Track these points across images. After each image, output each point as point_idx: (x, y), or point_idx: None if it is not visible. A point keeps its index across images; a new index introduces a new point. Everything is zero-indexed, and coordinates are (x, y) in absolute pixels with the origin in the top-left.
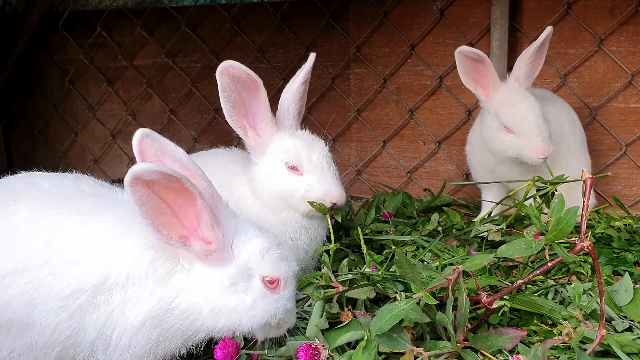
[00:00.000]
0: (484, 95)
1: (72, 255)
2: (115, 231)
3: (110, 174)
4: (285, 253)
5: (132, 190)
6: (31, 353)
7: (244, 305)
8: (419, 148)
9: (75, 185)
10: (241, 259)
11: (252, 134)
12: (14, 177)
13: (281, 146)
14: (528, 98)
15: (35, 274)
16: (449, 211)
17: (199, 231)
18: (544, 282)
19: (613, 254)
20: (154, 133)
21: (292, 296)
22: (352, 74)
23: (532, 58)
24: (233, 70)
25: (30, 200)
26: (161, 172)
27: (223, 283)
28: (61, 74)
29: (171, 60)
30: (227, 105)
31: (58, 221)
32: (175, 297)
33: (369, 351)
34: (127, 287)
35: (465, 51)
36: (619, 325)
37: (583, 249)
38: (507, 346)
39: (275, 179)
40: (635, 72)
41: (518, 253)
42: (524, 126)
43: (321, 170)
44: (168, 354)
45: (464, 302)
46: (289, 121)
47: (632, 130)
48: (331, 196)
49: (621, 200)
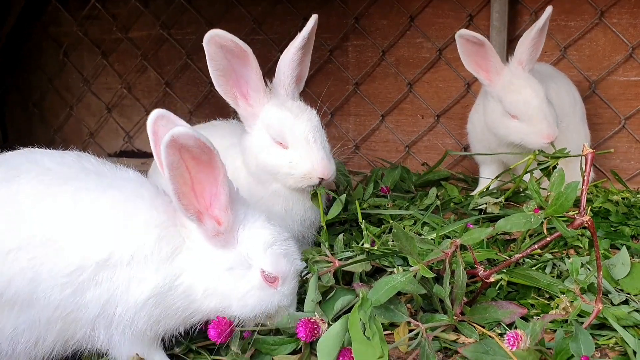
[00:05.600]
0: (486, 79)
1: (77, 232)
2: (121, 209)
3: (107, 147)
4: (289, 250)
5: (167, 152)
6: (35, 330)
7: (237, 292)
8: (418, 122)
9: (78, 162)
10: (244, 247)
11: (244, 103)
12: (14, 153)
13: (267, 118)
14: (531, 83)
15: (39, 251)
16: (447, 185)
17: (210, 210)
18: (542, 256)
19: (610, 228)
20: (169, 114)
21: (290, 294)
22: (351, 46)
23: (534, 40)
24: (220, 40)
25: (33, 177)
26: (198, 139)
27: (221, 265)
28: (55, 46)
29: (166, 32)
30: (217, 74)
31: (62, 198)
32: (178, 276)
33: (364, 309)
34: (132, 264)
35: (465, 34)
36: (615, 299)
37: (582, 223)
38: (506, 320)
39: (262, 151)
40: (635, 45)
41: (517, 227)
42: (529, 112)
43: (306, 145)
44: (168, 332)
45: (461, 275)
46: (284, 89)
47: (631, 103)
48: (317, 172)
49: (619, 174)
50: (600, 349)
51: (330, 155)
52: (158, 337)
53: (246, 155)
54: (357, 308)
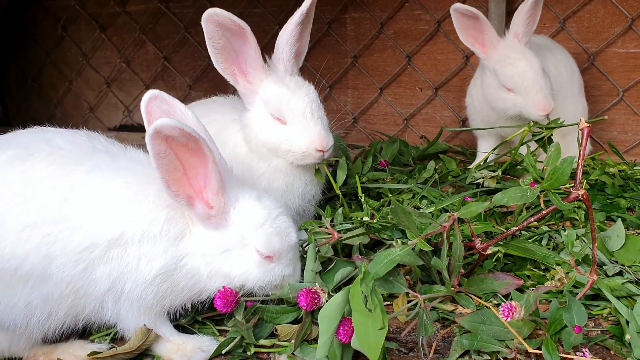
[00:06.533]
0: (482, 52)
1: (90, 211)
2: (133, 189)
3: (106, 122)
4: (281, 227)
5: (152, 144)
6: (48, 304)
7: (237, 271)
8: (416, 95)
9: (89, 142)
10: (237, 227)
11: (243, 80)
12: (26, 131)
13: (266, 95)
14: (526, 55)
15: (52, 228)
16: (445, 158)
17: (203, 193)
18: (538, 228)
19: (607, 200)
20: (163, 94)
21: (289, 263)
22: (349, 19)
23: (530, 13)
24: (218, 18)
25: (46, 156)
26: (182, 129)
27: (218, 247)
28: (52, 20)
29: (164, 6)
30: (215, 52)
31: (76, 177)
32: (183, 257)
33: (366, 282)
34: (142, 243)
35: (460, 8)
36: (609, 270)
37: (578, 197)
38: (502, 291)
39: (262, 128)
40: (635, 16)
41: (513, 201)
42: (524, 84)
43: (303, 120)
44: (173, 307)
45: (458, 248)
46: (283, 65)
47: (629, 75)
48: (315, 145)
49: (616, 145)
50: (594, 319)
51: (327, 128)
52: (164, 310)
53: (246, 132)
54: (358, 280)
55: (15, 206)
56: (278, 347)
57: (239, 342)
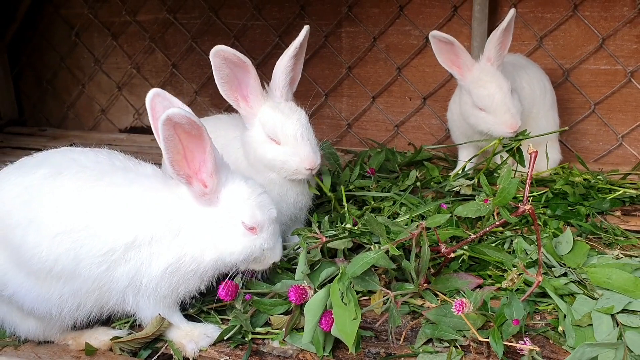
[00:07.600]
0: (459, 74)
1: (109, 220)
2: (142, 200)
3: (117, 123)
4: (264, 202)
5: (162, 129)
6: (76, 298)
7: (225, 241)
8: (406, 104)
9: (109, 160)
10: (226, 203)
11: (244, 104)
12: (55, 151)
13: (263, 118)
14: (497, 78)
15: (79, 235)
16: (428, 165)
17: (199, 174)
18: (503, 233)
19: (568, 208)
20: (164, 92)
21: (270, 237)
22: (344, 33)
23: (500, 39)
24: (224, 53)
25: (74, 174)
26: (189, 118)
27: (210, 221)
28: (67, 28)
29: (172, 16)
30: (221, 81)
31: (97, 192)
32: (183, 246)
33: (343, 281)
34: (152, 244)
35: (437, 35)
36: (557, 272)
37: (525, 211)
38: (464, 289)
39: (260, 146)
40: (606, 37)
41: (471, 213)
42: (493, 105)
43: (294, 142)
44: (188, 293)
45: (425, 252)
46: (279, 91)
47: (600, 90)
48: (305, 165)
49: (588, 154)
50: (540, 313)
51: (316, 148)
52: (179, 300)
53: (246, 149)
54: (337, 280)
55: (49, 216)
56: (271, 334)
57: (238, 329)
